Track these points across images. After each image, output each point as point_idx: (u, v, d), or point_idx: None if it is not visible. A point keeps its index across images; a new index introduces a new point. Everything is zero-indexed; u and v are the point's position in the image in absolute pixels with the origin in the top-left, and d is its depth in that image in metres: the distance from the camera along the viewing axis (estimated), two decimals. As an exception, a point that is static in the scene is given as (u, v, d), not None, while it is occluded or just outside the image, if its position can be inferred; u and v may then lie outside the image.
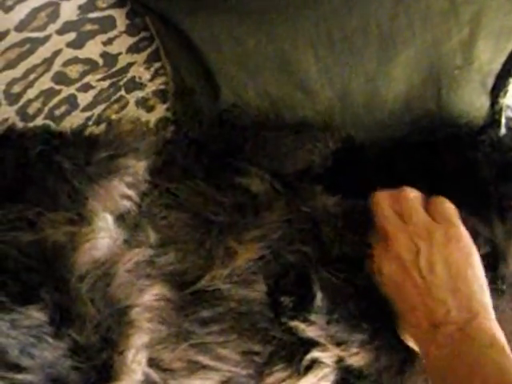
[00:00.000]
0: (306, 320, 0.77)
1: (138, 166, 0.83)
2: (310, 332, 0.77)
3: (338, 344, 0.78)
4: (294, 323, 0.77)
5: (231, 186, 0.86)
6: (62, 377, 0.71)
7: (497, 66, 1.01)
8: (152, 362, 0.75)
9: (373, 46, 0.95)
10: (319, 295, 0.78)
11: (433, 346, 0.72)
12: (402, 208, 0.81)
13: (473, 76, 1.00)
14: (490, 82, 1.01)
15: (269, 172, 0.88)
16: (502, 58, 1.01)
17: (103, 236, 0.76)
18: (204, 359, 0.76)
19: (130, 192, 0.81)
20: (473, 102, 1.01)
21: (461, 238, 0.77)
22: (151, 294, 0.76)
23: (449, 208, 0.81)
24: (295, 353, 0.78)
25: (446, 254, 0.76)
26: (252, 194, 0.86)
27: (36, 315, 0.70)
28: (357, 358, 0.78)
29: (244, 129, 0.95)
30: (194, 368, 0.76)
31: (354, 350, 0.78)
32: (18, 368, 0.69)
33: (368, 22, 0.93)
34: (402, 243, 0.77)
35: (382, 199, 0.82)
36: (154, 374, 0.75)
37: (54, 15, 0.90)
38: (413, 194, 0.82)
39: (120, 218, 0.79)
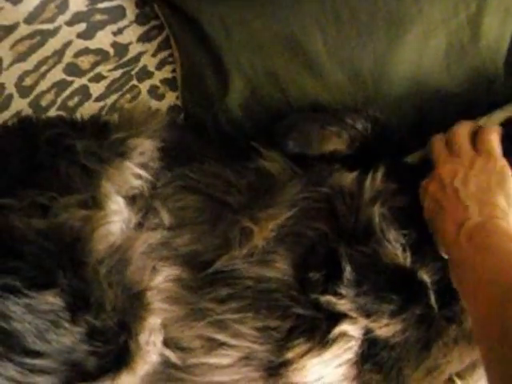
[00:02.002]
0: (336, 294, 0.75)
1: (150, 147, 0.80)
2: (340, 305, 0.75)
3: (368, 315, 0.75)
4: (324, 298, 0.75)
5: (247, 168, 0.82)
6: (79, 362, 0.68)
7: (504, 43, 0.95)
8: (169, 342, 0.72)
9: (381, 26, 0.90)
10: (348, 268, 0.75)
11: (456, 246, 0.75)
12: (452, 142, 0.85)
13: (482, 53, 0.95)
14: (500, 58, 0.96)
15: (292, 155, 0.84)
16: (509, 35, 0.96)
17: (117, 220, 0.73)
18: (222, 337, 0.74)
19: (143, 172, 0.78)
20: (482, 78, 0.96)
21: (497, 169, 0.81)
22: (166, 276, 0.73)
23: (492, 140, 0.84)
24: (317, 327, 0.75)
25: (481, 178, 0.80)
26: (268, 175, 0.82)
27: (52, 300, 0.67)
28: (385, 329, 0.76)
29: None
30: (213, 346, 0.74)
31: (384, 320, 0.75)
32: (34, 353, 0.66)
33: (375, 1, 0.88)
34: (445, 170, 0.82)
35: (437, 139, 0.88)
36: (172, 354, 0.72)
37: (63, 6, 0.85)
38: (462, 129, 0.87)
39: (132, 201, 0.76)
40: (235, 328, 0.74)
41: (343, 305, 0.74)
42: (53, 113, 0.90)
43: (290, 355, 0.74)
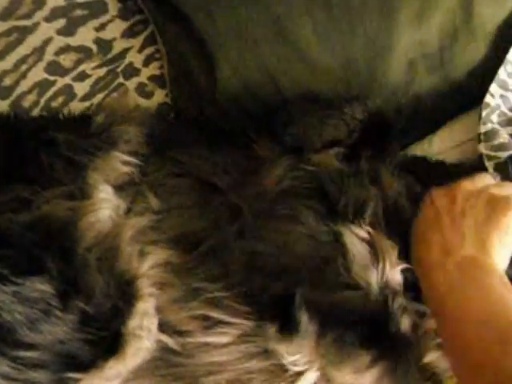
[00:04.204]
0: None
1: (136, 133, 0.75)
2: None
3: None
4: None
5: (235, 151, 0.77)
6: (72, 352, 0.63)
7: (499, 22, 0.88)
8: (165, 327, 0.67)
9: (371, 9, 0.82)
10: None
11: (442, 270, 0.67)
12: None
13: (475, 33, 0.87)
14: (495, 38, 0.88)
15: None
16: (503, 15, 0.88)
17: (105, 207, 0.69)
18: (218, 314, 0.68)
19: (131, 159, 0.73)
20: (476, 59, 0.88)
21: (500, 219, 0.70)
22: (156, 260, 0.69)
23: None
24: None
25: (482, 216, 0.70)
26: (257, 157, 0.76)
27: (41, 287, 0.62)
28: None
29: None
30: (209, 325, 0.68)
31: None
32: (27, 346, 0.61)
33: (365, -17, 0.80)
34: (462, 190, 0.73)
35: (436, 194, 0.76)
36: (169, 340, 0.67)
37: (40, 1, 0.77)
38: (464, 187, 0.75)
39: (121, 188, 0.72)
40: (230, 305, 0.68)
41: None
42: (36, 114, 0.81)
43: None
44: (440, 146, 0.90)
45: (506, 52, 0.87)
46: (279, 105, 0.82)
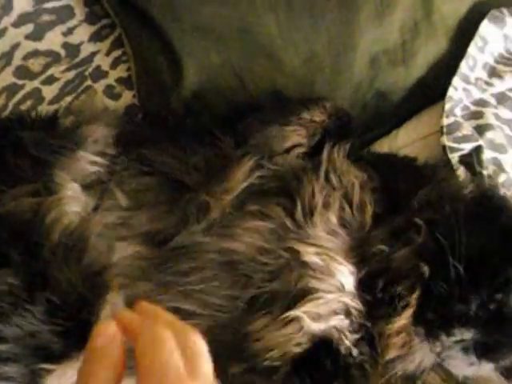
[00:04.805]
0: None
1: (104, 133, 0.75)
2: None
3: None
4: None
5: (202, 149, 0.76)
6: (43, 344, 0.63)
7: (459, 17, 0.89)
8: None
9: (333, 6, 0.84)
10: None
11: None
12: None
13: (436, 28, 0.88)
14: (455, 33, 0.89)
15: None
16: (463, 10, 0.89)
17: (72, 203, 0.69)
18: (189, 306, 0.68)
19: (99, 159, 0.73)
20: (438, 54, 0.89)
21: None
22: (125, 254, 0.69)
23: None
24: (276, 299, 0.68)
25: None
26: (224, 154, 0.75)
27: (9, 280, 0.62)
28: None
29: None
30: (181, 316, 0.63)
31: None
32: None
33: (326, -20, 0.81)
34: None
35: None
36: None
37: (7, 7, 0.79)
38: None
39: (88, 187, 0.72)
40: (201, 297, 0.68)
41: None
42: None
43: (249, 327, 0.67)
44: (405, 139, 0.91)
45: (467, 46, 0.88)
46: (244, 102, 0.83)
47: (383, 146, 0.91)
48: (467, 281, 0.66)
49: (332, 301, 0.68)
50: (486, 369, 0.69)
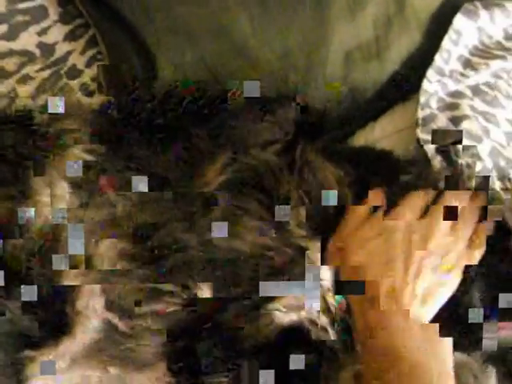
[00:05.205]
0: None
1: (87, 131, 0.76)
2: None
3: None
4: None
5: (178, 145, 0.77)
6: (23, 332, 0.66)
7: (432, 11, 0.89)
8: (115, 310, 0.69)
9: (305, 2, 0.83)
10: None
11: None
12: None
13: (409, 22, 0.88)
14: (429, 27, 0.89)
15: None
16: (436, 3, 0.90)
17: (58, 201, 0.70)
18: (168, 286, 0.69)
19: (87, 156, 0.74)
20: (412, 48, 0.89)
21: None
22: (108, 249, 0.70)
23: None
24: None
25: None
26: (199, 150, 0.76)
27: None
28: None
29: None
30: (158, 294, 0.69)
31: None
32: None
33: (296, -24, 0.82)
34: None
35: None
36: (118, 321, 0.68)
37: (-20, 8, 0.78)
38: None
39: (77, 184, 0.72)
40: (182, 281, 0.70)
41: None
42: (-21, 117, 0.82)
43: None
44: (381, 132, 0.91)
45: (440, 40, 0.88)
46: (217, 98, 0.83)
47: (359, 139, 0.91)
48: None
49: None
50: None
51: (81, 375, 0.68)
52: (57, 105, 0.73)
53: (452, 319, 0.69)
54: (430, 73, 0.86)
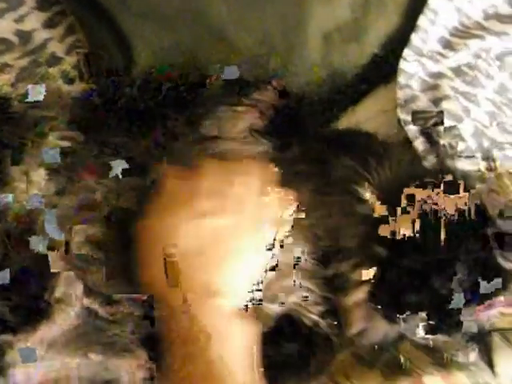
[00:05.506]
0: None
1: (64, 117, 0.75)
2: None
3: None
4: None
5: (157, 131, 0.77)
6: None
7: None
8: (94, 296, 0.68)
9: (282, -16, 0.83)
10: None
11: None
12: None
13: (386, 3, 0.89)
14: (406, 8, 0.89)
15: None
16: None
17: (34, 188, 0.70)
18: None
19: (64, 143, 0.73)
20: (389, 29, 0.89)
21: None
22: (86, 236, 0.69)
23: None
24: None
25: None
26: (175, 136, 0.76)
27: None
28: None
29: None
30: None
31: None
32: None
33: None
34: None
35: None
36: (98, 308, 0.68)
37: (-44, -3, 0.78)
38: None
39: (55, 171, 0.71)
40: None
41: None
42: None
43: None
44: (364, 115, 0.91)
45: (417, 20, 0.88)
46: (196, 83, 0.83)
47: (343, 122, 0.91)
48: (418, 269, 0.68)
49: (286, 279, 0.69)
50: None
51: (60, 361, 0.68)
52: (39, 92, 0.74)
53: (433, 304, 0.70)
54: (407, 52, 0.86)
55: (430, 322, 0.69)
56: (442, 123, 0.83)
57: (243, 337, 0.62)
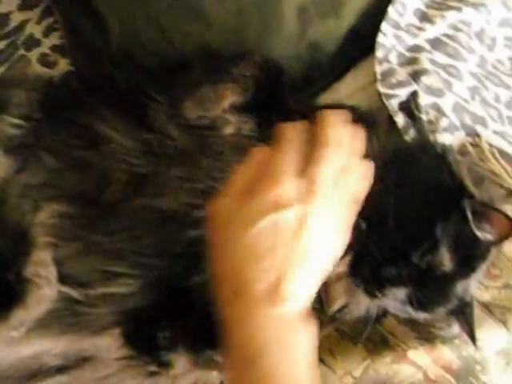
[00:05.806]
0: None
1: (28, 97, 0.75)
2: None
3: None
4: None
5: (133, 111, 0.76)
6: None
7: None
8: (67, 279, 0.69)
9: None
10: None
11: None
12: None
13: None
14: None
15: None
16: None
17: None
18: (120, 268, 0.69)
19: (21, 122, 0.74)
20: (367, 2, 0.88)
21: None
22: (51, 213, 0.70)
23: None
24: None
25: None
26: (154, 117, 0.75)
27: None
28: None
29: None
30: (112, 276, 0.69)
31: None
32: None
33: None
34: None
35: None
36: (71, 290, 0.68)
37: None
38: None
39: (13, 150, 0.72)
40: (131, 257, 0.69)
41: None
42: None
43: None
44: (346, 90, 0.90)
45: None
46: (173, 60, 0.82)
47: (326, 99, 0.91)
48: (398, 243, 0.66)
49: None
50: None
51: (38, 343, 0.69)
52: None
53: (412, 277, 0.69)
54: (385, 26, 0.85)
55: (411, 296, 0.68)
56: (419, 97, 0.83)
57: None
